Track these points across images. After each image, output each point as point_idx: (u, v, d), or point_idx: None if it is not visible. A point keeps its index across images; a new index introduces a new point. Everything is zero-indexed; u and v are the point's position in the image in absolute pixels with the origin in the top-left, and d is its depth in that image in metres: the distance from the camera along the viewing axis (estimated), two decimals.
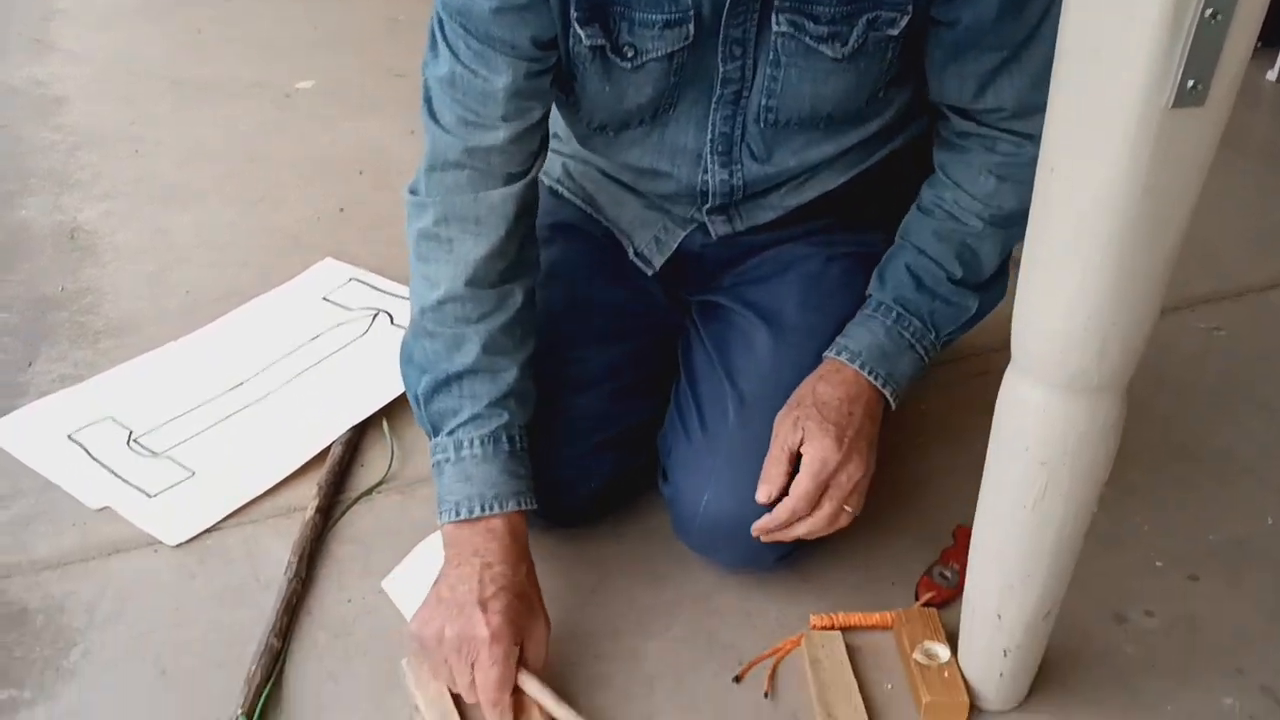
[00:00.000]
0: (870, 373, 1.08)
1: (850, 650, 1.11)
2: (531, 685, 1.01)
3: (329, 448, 1.36)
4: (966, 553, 1.01)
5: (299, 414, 1.42)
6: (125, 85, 2.40)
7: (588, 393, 1.20)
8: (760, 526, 1.05)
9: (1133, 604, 1.18)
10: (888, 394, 1.10)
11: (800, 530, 1.05)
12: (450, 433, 1.07)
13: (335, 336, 1.56)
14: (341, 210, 1.92)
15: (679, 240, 1.24)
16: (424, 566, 1.19)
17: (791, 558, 1.16)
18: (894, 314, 1.12)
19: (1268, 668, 1.11)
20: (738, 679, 1.09)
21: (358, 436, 1.39)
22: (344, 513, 1.28)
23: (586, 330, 1.23)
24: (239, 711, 1.02)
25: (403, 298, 1.63)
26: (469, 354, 1.07)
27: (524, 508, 1.06)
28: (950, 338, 1.16)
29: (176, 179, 2.02)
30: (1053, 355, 0.84)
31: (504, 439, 1.07)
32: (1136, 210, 0.75)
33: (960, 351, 1.55)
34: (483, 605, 0.99)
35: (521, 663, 1.01)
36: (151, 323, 1.62)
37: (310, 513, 1.25)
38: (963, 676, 1.05)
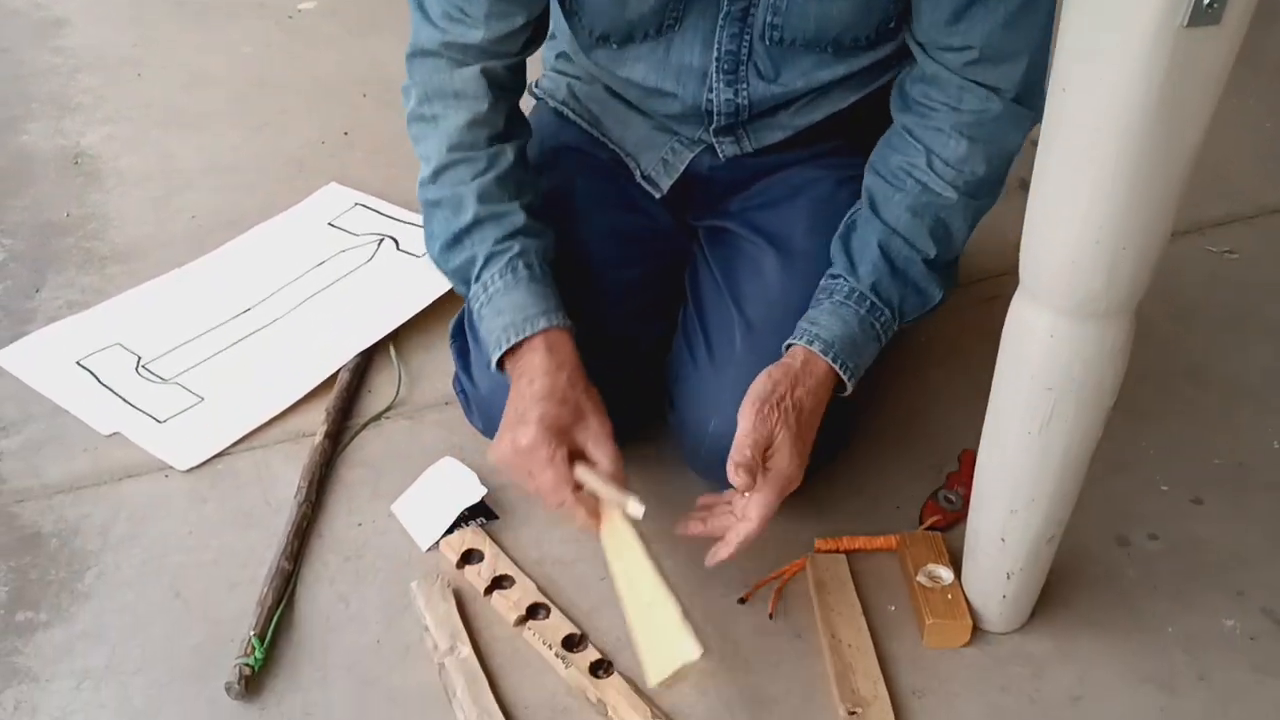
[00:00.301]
0: (841, 366, 1.05)
1: (854, 573, 1.12)
2: (588, 478, 1.02)
3: (337, 374, 1.36)
4: (972, 477, 1.02)
5: (306, 340, 1.42)
6: (126, 6, 2.36)
7: (593, 318, 1.19)
8: (718, 559, 1.02)
9: (1136, 527, 1.19)
10: (850, 385, 1.07)
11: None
12: (476, 280, 1.11)
13: (341, 262, 1.56)
14: (346, 134, 1.90)
15: (686, 162, 1.22)
16: (434, 490, 1.20)
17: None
18: (867, 303, 1.08)
19: (1269, 590, 1.12)
20: (743, 600, 1.10)
21: (365, 362, 1.39)
22: (352, 438, 1.29)
23: (593, 255, 1.22)
24: (252, 633, 1.04)
25: (408, 223, 1.62)
26: (468, 209, 1.10)
27: (554, 324, 1.07)
28: (906, 325, 1.14)
29: (180, 103, 2.00)
30: (1061, 279, 0.84)
31: (520, 266, 1.09)
32: (1149, 131, 0.74)
33: (970, 276, 1.53)
34: (521, 420, 1.02)
35: (586, 461, 1.03)
36: (158, 248, 1.61)
37: (319, 438, 1.26)
38: (965, 599, 1.06)
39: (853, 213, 1.13)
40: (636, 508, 0.97)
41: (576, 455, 1.03)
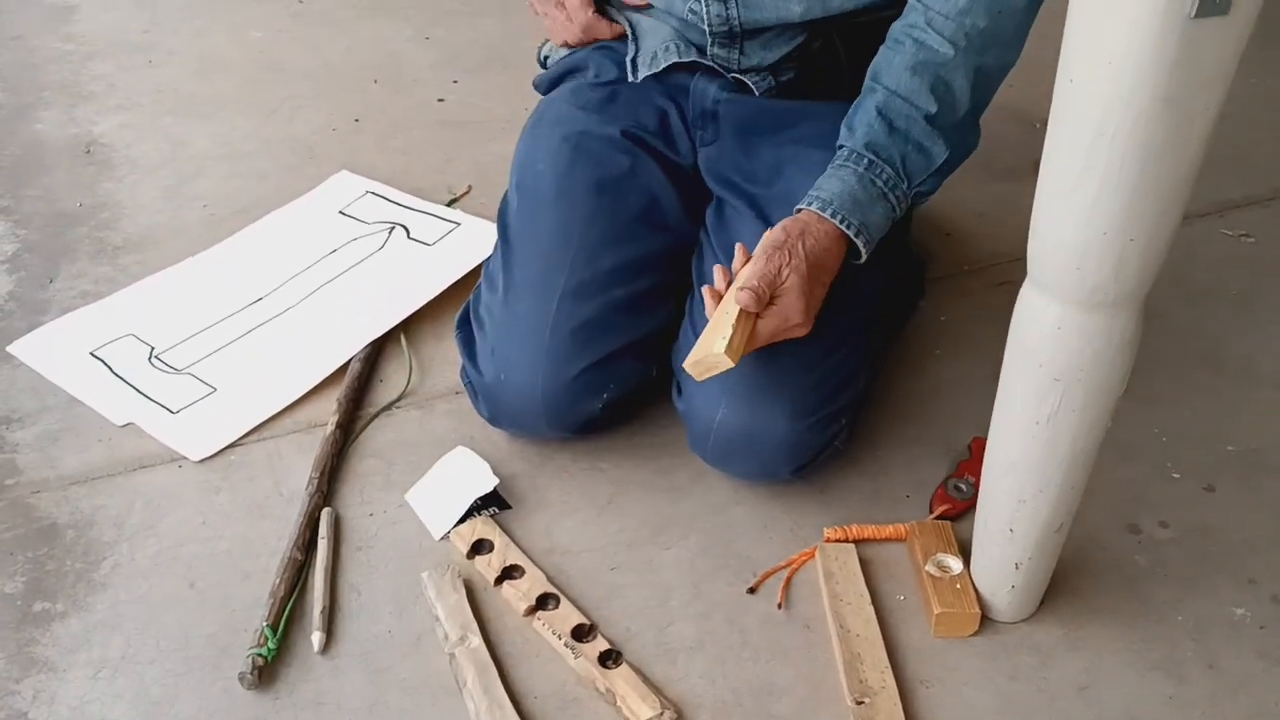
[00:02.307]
0: (843, 222, 1.07)
1: (863, 562, 1.12)
2: None
3: (348, 363, 1.37)
4: (982, 465, 1.02)
5: (318, 330, 1.42)
6: None
7: (602, 296, 1.20)
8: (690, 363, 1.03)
9: (1147, 514, 1.18)
10: (860, 244, 1.09)
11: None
12: None
13: (352, 251, 1.56)
14: (357, 120, 1.90)
15: (668, 63, 1.24)
16: (447, 479, 1.21)
17: (807, 470, 1.16)
18: (865, 161, 1.10)
19: None
20: (752, 590, 1.11)
21: (376, 352, 1.40)
22: (364, 428, 1.30)
23: (604, 234, 1.22)
24: (265, 623, 1.05)
25: (419, 211, 1.62)
26: None
27: None
28: (921, 190, 1.14)
29: (190, 89, 2.00)
30: (1068, 270, 0.83)
31: None
32: (1156, 123, 0.74)
33: (980, 261, 1.53)
34: None
35: None
36: (170, 237, 1.62)
37: (331, 428, 1.27)
38: (975, 588, 1.06)
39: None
40: (318, 640, 1.05)
41: None
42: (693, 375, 1.02)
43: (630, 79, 1.27)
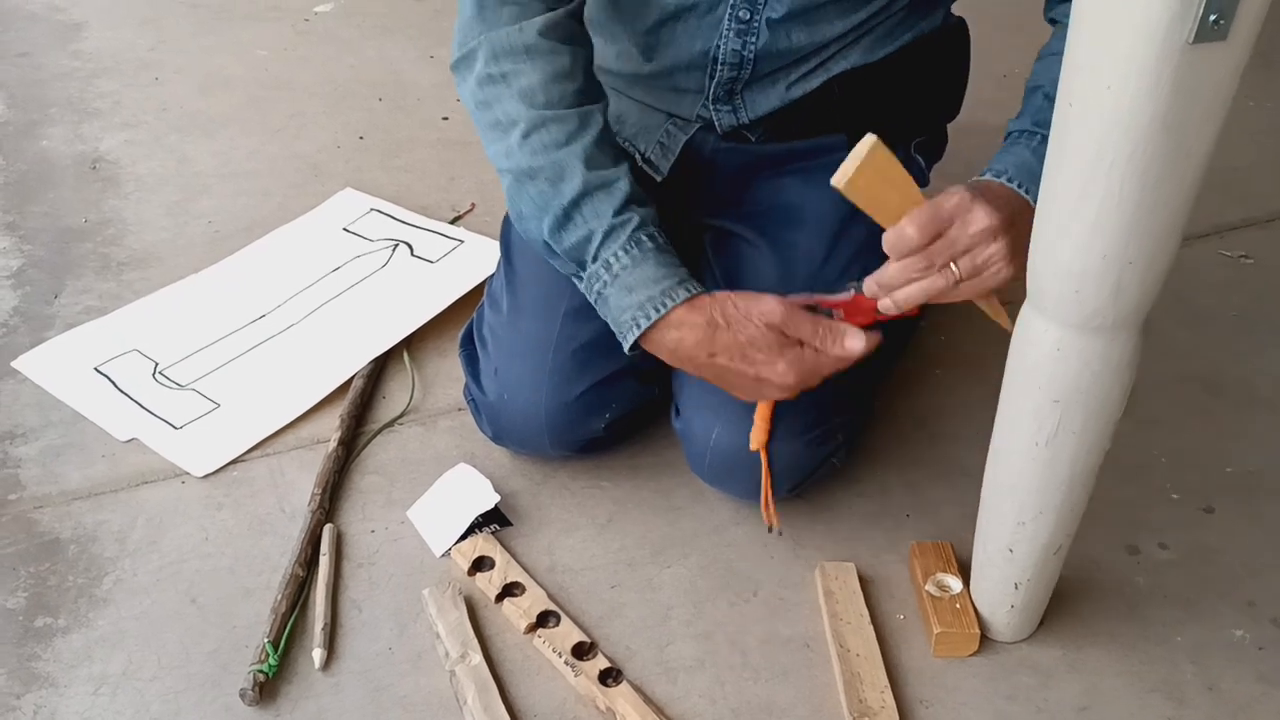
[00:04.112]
0: (1022, 188, 0.99)
1: (863, 581, 1.12)
2: None
3: (351, 380, 1.37)
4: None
5: (321, 346, 1.43)
6: (143, 10, 2.38)
7: (599, 319, 1.20)
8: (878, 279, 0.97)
9: (1147, 536, 1.18)
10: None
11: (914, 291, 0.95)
12: (594, 259, 1.04)
13: (356, 268, 1.57)
14: (361, 138, 1.91)
15: (681, 144, 1.22)
16: (448, 496, 1.21)
17: (805, 488, 1.17)
18: (1037, 137, 1.04)
19: (1279, 600, 1.12)
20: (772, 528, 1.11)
21: (379, 369, 1.41)
22: (366, 444, 1.30)
23: None
24: (266, 640, 1.05)
25: (422, 228, 1.63)
26: (575, 178, 1.03)
27: (693, 293, 1.02)
28: None
29: (197, 107, 2.01)
30: (1067, 293, 0.84)
31: (644, 239, 1.03)
32: (1155, 147, 0.74)
33: None
34: (711, 354, 0.99)
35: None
36: (175, 254, 1.63)
37: (333, 445, 1.27)
38: (974, 608, 1.06)
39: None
40: (319, 657, 1.05)
41: None
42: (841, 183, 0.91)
43: (657, 178, 1.22)
